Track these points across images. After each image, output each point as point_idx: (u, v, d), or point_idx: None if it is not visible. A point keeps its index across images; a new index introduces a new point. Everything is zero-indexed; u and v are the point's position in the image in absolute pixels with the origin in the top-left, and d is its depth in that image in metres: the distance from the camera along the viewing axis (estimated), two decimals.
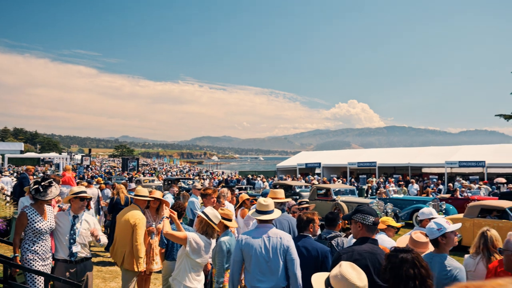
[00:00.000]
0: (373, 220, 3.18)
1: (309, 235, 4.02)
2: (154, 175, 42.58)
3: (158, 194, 5.64)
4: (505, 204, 9.84)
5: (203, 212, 4.24)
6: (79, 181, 13.75)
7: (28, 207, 4.29)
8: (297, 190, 17.03)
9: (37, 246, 4.19)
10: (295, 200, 10.03)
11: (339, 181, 24.39)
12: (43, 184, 4.28)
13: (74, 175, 13.50)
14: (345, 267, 2.16)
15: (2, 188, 12.61)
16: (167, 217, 4.39)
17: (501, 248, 2.58)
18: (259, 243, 3.64)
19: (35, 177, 9.86)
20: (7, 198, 9.66)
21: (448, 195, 16.24)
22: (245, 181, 28.63)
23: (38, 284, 4.09)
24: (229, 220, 4.55)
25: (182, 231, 4.24)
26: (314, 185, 16.78)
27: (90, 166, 51.61)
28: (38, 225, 4.18)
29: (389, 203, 13.32)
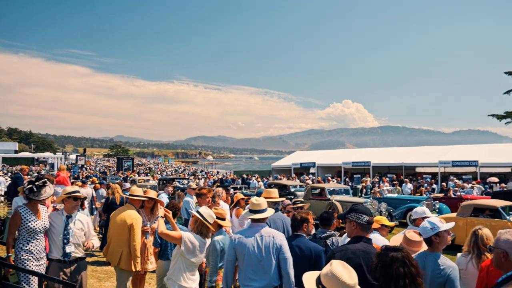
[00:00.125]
0: (367, 219, 3.20)
1: (303, 234, 4.02)
2: (149, 174, 42.51)
3: (152, 193, 5.63)
4: (497, 203, 9.92)
5: (197, 211, 4.24)
6: (74, 181, 13.69)
7: (21, 206, 4.27)
8: (292, 189, 17.06)
9: (31, 245, 4.17)
10: (290, 199, 10.04)
11: (333, 181, 24.46)
12: (37, 184, 4.26)
13: (68, 175, 13.45)
14: (335, 265, 2.17)
15: None
16: (162, 217, 4.39)
17: (491, 246, 2.61)
18: (252, 242, 3.65)
19: (29, 177, 9.80)
20: (1, 198, 9.61)
21: (441, 195, 16.36)
22: (240, 181, 28.64)
23: (32, 284, 4.07)
24: (223, 219, 4.57)
25: (177, 230, 4.24)
26: (308, 185, 16.83)
27: (84, 166, 51.44)
28: (32, 224, 4.17)
29: (383, 203, 13.40)
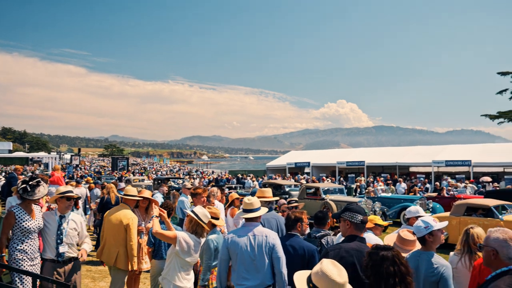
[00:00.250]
0: (361, 218, 3.23)
1: (297, 234, 4.02)
2: (144, 174, 42.40)
3: (147, 193, 5.64)
4: (490, 202, 9.99)
5: (192, 211, 4.24)
6: (68, 180, 13.64)
7: (15, 206, 4.25)
8: (287, 189, 17.10)
9: (25, 245, 4.15)
10: (285, 199, 10.08)
11: (328, 180, 24.55)
12: (31, 183, 4.24)
13: (63, 174, 13.39)
14: (326, 264, 2.18)
15: None
16: (156, 216, 4.39)
17: (481, 244, 2.65)
18: (245, 242, 3.66)
19: (23, 176, 9.76)
20: None
21: (435, 194, 16.47)
22: (235, 180, 28.67)
23: (25, 284, 4.06)
24: (217, 218, 4.58)
25: (172, 230, 4.24)
26: (303, 184, 16.88)
27: (79, 165, 51.20)
28: (26, 224, 4.15)
29: (377, 202, 13.45)
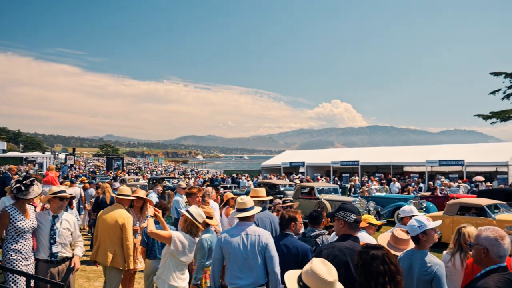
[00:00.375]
0: (355, 218, 3.26)
1: (291, 233, 4.03)
2: (139, 174, 42.26)
3: (142, 193, 5.64)
4: (483, 201, 10.06)
5: (187, 211, 4.24)
6: (63, 180, 13.57)
7: (9, 206, 4.22)
8: (282, 188, 17.16)
9: (20, 245, 4.13)
10: (280, 198, 10.09)
11: (322, 180, 24.62)
12: (25, 182, 4.22)
13: (57, 174, 13.31)
14: (316, 263, 2.20)
15: None
16: (151, 216, 4.39)
17: (471, 242, 2.69)
18: (238, 241, 3.68)
19: (17, 176, 9.71)
20: None
21: (428, 193, 16.58)
22: (230, 180, 28.69)
23: (19, 284, 4.04)
24: (210, 218, 4.59)
25: (167, 230, 4.25)
26: (298, 184, 16.93)
27: (74, 165, 50.89)
28: (21, 224, 4.13)
29: (371, 201, 13.51)
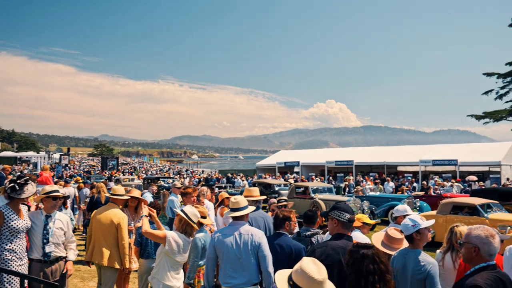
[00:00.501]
0: (348, 217, 3.29)
1: (285, 233, 4.05)
2: (133, 174, 42.10)
3: (136, 193, 5.63)
4: (476, 201, 10.12)
5: (182, 210, 4.25)
6: (57, 180, 13.51)
7: (3, 206, 4.20)
8: (276, 188, 17.19)
9: (14, 245, 4.12)
10: (275, 198, 10.12)
11: (317, 180, 24.69)
12: (19, 182, 4.21)
13: (51, 174, 13.25)
14: (306, 262, 2.22)
15: None
16: (146, 216, 4.39)
17: (461, 240, 2.73)
18: (231, 240, 3.70)
19: (12, 176, 9.66)
20: None
21: (422, 193, 16.67)
22: (225, 180, 28.67)
23: (14, 284, 4.03)
24: (204, 217, 4.61)
25: (162, 229, 4.25)
26: (292, 184, 16.97)
27: (68, 165, 50.63)
28: (15, 223, 4.11)
29: (365, 201, 13.56)
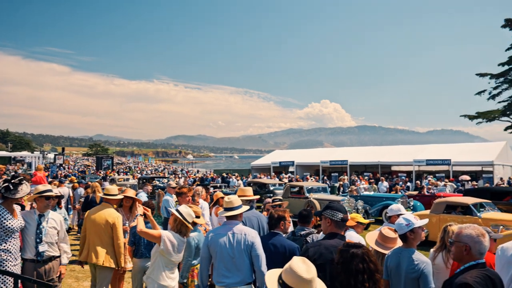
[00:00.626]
0: (341, 216, 3.31)
1: (280, 232, 4.07)
2: (128, 173, 41.96)
3: (131, 192, 5.63)
4: (469, 200, 10.19)
5: (177, 210, 4.24)
6: (52, 180, 13.44)
7: None
8: (271, 188, 17.21)
9: (9, 244, 4.10)
10: (269, 197, 10.16)
11: (312, 179, 24.76)
12: (13, 181, 4.20)
13: (46, 174, 13.19)
14: (296, 261, 2.23)
15: None
16: (141, 215, 4.39)
17: (451, 239, 2.77)
18: (224, 240, 3.71)
19: (6, 176, 9.61)
20: None
21: (415, 192, 16.77)
22: (220, 180, 28.66)
23: (8, 284, 4.01)
24: (197, 217, 4.62)
25: (157, 229, 4.26)
26: (287, 183, 17.01)
27: (63, 165, 50.37)
28: (9, 223, 4.10)
29: (359, 200, 13.62)
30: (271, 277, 2.33)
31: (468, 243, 2.60)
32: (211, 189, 15.58)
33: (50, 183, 10.71)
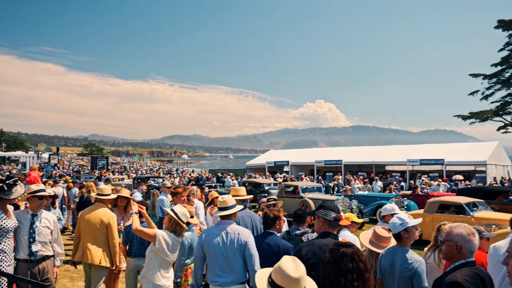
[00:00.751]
0: (334, 216, 3.34)
1: (274, 232, 4.09)
2: (123, 173, 41.81)
3: (125, 192, 5.63)
4: (462, 200, 10.28)
5: (172, 210, 4.25)
6: (46, 180, 13.37)
7: None
8: (266, 187, 17.24)
9: (4, 245, 4.09)
10: (264, 197, 10.18)
11: (306, 179, 24.81)
12: (8, 182, 4.18)
13: (40, 174, 13.12)
14: (285, 260, 2.25)
15: None
16: (136, 213, 4.39)
17: (442, 238, 2.80)
18: (218, 239, 3.73)
19: (0, 176, 9.56)
20: None
21: (409, 192, 16.85)
22: (215, 179, 28.66)
23: (2, 285, 4.00)
24: (191, 216, 4.63)
25: (153, 227, 4.26)
26: (282, 183, 17.04)
27: (58, 165, 50.07)
28: (4, 223, 4.08)
29: (354, 200, 13.68)
30: (261, 276, 2.34)
31: (458, 242, 2.63)
32: (206, 189, 15.59)
33: (44, 183, 10.66)
